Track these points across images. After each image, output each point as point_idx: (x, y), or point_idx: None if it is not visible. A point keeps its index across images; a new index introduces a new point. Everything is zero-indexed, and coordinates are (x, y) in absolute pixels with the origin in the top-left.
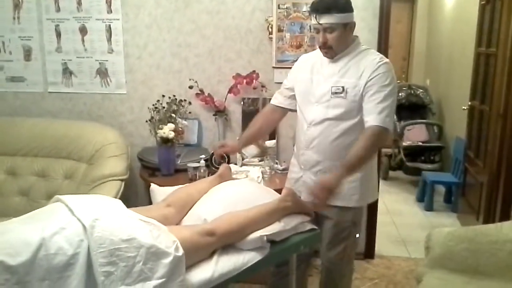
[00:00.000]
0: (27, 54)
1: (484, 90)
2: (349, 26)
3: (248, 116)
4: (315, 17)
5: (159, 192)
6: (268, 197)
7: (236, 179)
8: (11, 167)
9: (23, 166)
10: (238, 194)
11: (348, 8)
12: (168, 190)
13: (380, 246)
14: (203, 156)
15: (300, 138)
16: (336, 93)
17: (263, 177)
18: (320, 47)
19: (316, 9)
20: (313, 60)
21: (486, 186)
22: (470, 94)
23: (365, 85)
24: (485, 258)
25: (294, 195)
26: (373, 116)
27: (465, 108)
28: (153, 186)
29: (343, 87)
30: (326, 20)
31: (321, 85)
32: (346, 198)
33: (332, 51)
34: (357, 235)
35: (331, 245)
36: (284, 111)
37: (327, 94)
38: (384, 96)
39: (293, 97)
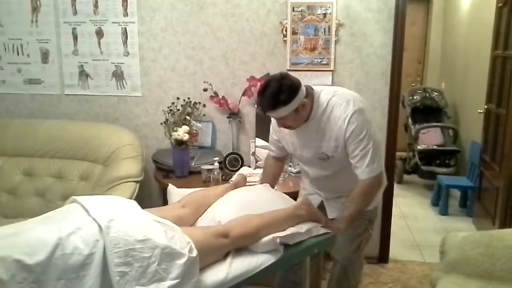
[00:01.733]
0: (45, 56)
1: (500, 93)
2: (300, 106)
3: (262, 119)
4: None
5: (175, 192)
6: (283, 203)
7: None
8: (28, 168)
9: (39, 167)
10: (254, 199)
11: (293, 94)
12: (184, 191)
13: (395, 250)
14: (217, 158)
15: (310, 181)
16: (322, 159)
17: None
18: None
19: (263, 110)
20: None
21: (502, 190)
22: (486, 97)
23: (345, 143)
24: (501, 263)
25: (309, 205)
26: (361, 170)
27: (481, 111)
28: (170, 187)
29: (326, 154)
30: (275, 115)
31: (304, 150)
32: None
33: (294, 127)
34: (370, 231)
35: (348, 242)
36: (286, 156)
37: (314, 160)
38: (364, 147)
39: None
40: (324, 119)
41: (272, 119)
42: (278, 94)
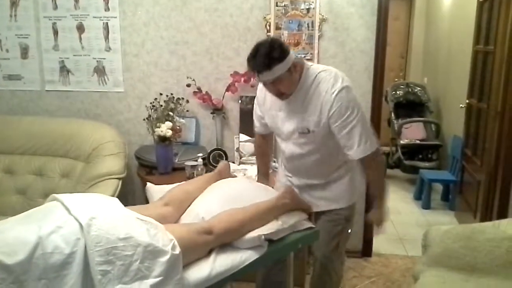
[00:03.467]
0: (24, 52)
1: (481, 88)
2: (293, 67)
3: (246, 114)
4: (258, 76)
5: (155, 190)
6: (266, 194)
7: (234, 176)
8: (8, 165)
9: (20, 164)
10: (236, 192)
11: (285, 53)
12: (164, 188)
13: (378, 244)
14: (200, 154)
15: (285, 164)
16: (302, 133)
17: None
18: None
19: (256, 70)
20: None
21: (484, 184)
22: (468, 92)
23: (328, 120)
24: (483, 256)
25: (292, 192)
26: (353, 151)
27: (463, 106)
28: (149, 185)
29: (307, 128)
30: (270, 76)
31: (286, 123)
32: (337, 201)
33: (287, 95)
34: (349, 231)
35: (326, 241)
36: (271, 134)
37: (294, 133)
38: (352, 127)
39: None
40: (311, 91)
41: (258, 91)
42: (271, 52)
